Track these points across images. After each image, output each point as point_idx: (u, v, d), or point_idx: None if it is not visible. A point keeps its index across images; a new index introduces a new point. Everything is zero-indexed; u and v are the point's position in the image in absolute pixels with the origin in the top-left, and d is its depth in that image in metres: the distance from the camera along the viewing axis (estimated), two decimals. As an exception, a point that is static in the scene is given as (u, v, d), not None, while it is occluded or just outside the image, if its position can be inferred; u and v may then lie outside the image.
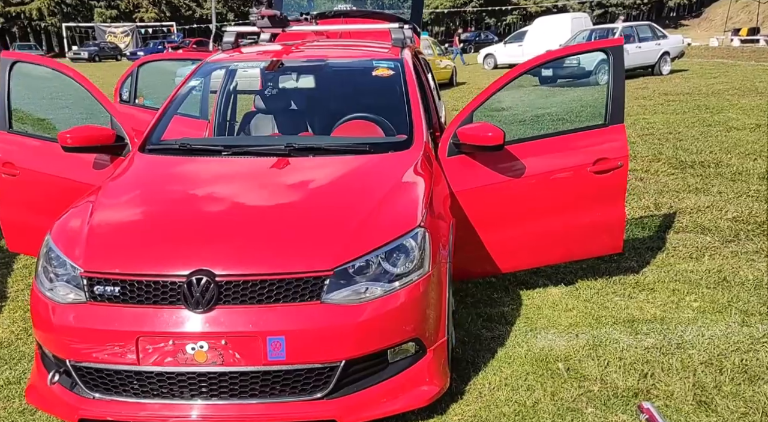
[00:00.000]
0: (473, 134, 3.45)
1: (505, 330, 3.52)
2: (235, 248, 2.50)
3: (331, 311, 2.42)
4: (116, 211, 2.73)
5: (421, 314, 2.64)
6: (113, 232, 2.60)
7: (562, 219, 3.72)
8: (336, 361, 2.44)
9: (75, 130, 3.43)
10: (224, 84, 4.52)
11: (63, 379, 2.51)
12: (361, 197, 2.86)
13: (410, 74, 3.79)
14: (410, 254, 2.65)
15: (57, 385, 2.49)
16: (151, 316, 2.36)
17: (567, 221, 3.73)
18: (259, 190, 2.91)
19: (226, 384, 2.40)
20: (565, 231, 3.75)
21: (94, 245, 2.53)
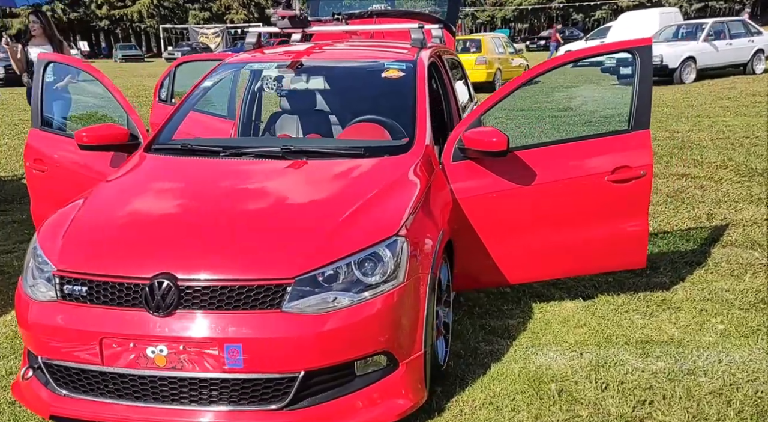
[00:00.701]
0: (477, 139, 3.32)
1: (506, 344, 3.37)
2: (200, 252, 2.51)
3: (291, 320, 2.38)
4: (97, 212, 2.81)
5: (392, 326, 2.56)
6: (88, 233, 2.67)
7: (575, 230, 3.52)
8: (295, 372, 2.40)
9: (91, 129, 3.56)
10: (248, 85, 4.57)
11: (39, 375, 2.60)
12: (340, 202, 2.81)
13: (421, 76, 3.69)
14: (384, 263, 2.57)
15: (34, 380, 2.59)
16: (115, 317, 2.41)
17: (581, 232, 3.52)
18: (240, 193, 2.91)
19: (185, 389, 2.41)
20: (579, 243, 3.55)
21: (69, 244, 2.61)
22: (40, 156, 4.07)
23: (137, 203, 2.90)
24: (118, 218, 2.75)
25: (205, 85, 3.92)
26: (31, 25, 7.05)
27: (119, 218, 2.76)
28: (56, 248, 2.59)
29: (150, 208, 2.84)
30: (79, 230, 2.68)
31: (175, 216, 2.74)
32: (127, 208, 2.84)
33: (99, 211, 2.81)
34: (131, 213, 2.80)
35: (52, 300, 2.50)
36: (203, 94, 3.94)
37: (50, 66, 4.19)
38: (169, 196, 2.94)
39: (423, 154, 3.30)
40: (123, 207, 2.83)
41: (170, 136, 3.54)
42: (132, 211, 2.82)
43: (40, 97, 4.13)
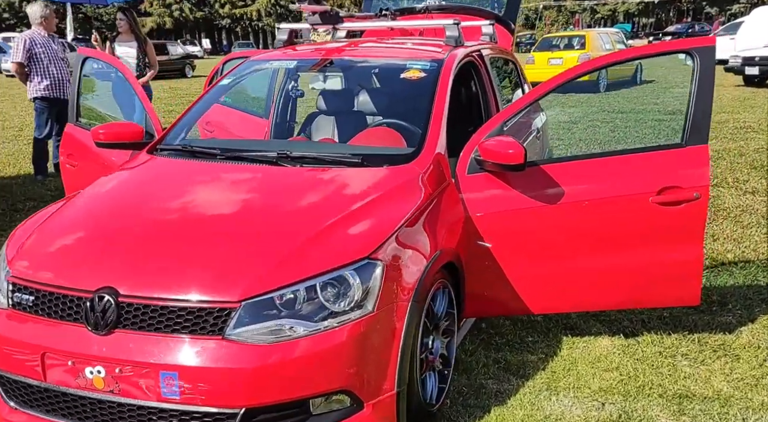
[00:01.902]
0: (493, 150, 2.93)
1: (517, 384, 2.95)
2: (147, 267, 2.32)
3: (233, 349, 2.14)
4: (64, 217, 2.69)
5: (354, 361, 2.26)
6: (47, 239, 2.56)
7: (611, 257, 3.04)
8: (234, 408, 2.16)
9: (108, 126, 3.50)
10: (282, 83, 4.38)
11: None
12: (316, 216, 2.53)
13: (444, 79, 3.33)
14: (349, 289, 2.28)
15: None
16: (56, 332, 2.27)
17: (618, 261, 3.03)
18: (212, 204, 2.70)
19: (124, 416, 2.24)
20: (615, 273, 3.06)
21: (26, 251, 2.51)
22: (72, 151, 4.10)
23: (104, 210, 2.76)
24: (80, 226, 2.63)
25: (223, 83, 3.76)
26: (118, 23, 7.29)
27: (81, 225, 2.63)
28: (14, 255, 2.51)
29: (114, 216, 2.69)
30: (40, 236, 2.58)
31: (136, 227, 2.57)
32: (92, 215, 2.71)
33: (66, 216, 2.70)
34: (93, 221, 2.67)
35: (3, 308, 2.41)
36: (222, 93, 3.79)
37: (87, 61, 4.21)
38: (139, 204, 2.78)
39: (430, 164, 2.95)
40: (89, 214, 2.71)
41: (179, 136, 3.40)
42: (95, 219, 2.69)
43: (77, 92, 4.16)
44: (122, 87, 7.01)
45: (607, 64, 3.16)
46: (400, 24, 4.52)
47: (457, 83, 3.70)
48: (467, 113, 3.63)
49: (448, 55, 3.54)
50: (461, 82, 3.91)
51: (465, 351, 3.23)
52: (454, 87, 3.53)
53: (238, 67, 3.85)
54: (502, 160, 2.89)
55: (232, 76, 3.77)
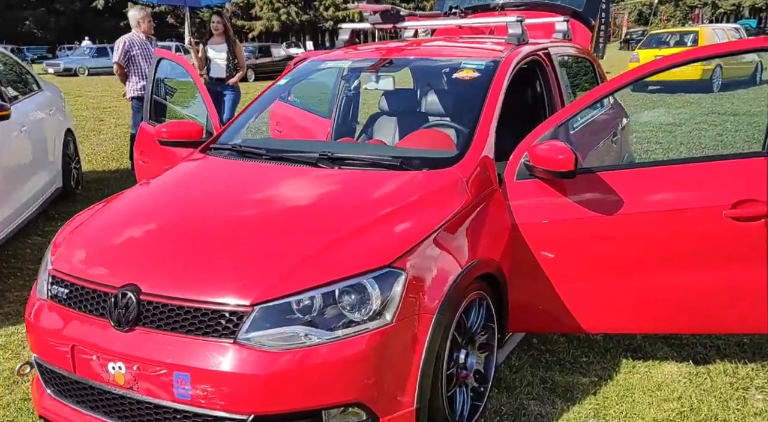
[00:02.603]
0: (543, 155, 2.73)
1: (562, 407, 2.73)
2: (169, 267, 2.33)
3: (243, 353, 2.11)
4: (106, 214, 2.77)
5: (370, 373, 2.16)
6: (86, 235, 2.64)
7: (675, 275, 2.75)
8: (242, 414, 2.12)
9: (170, 124, 3.62)
10: (343, 84, 4.35)
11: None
12: (340, 220, 2.46)
13: (499, 79, 3.15)
14: (367, 298, 2.18)
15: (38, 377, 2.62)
16: (85, 326, 2.33)
17: (683, 279, 2.74)
18: (243, 205, 2.69)
19: (143, 414, 2.26)
20: (680, 293, 2.77)
21: (65, 245, 2.60)
22: (145, 148, 4.27)
23: (142, 208, 2.82)
24: (116, 223, 2.70)
25: (280, 83, 3.77)
26: (214, 25, 7.57)
27: (117, 222, 2.70)
28: (57, 247, 2.62)
29: (149, 215, 2.74)
30: (80, 231, 2.68)
31: (168, 225, 2.60)
32: (130, 213, 2.78)
33: (108, 213, 2.78)
34: (130, 219, 2.73)
35: (44, 299, 2.52)
36: (278, 93, 3.80)
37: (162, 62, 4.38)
38: (175, 203, 2.82)
39: (474, 169, 2.80)
40: (127, 211, 2.78)
41: (233, 136, 3.44)
42: (132, 216, 2.75)
43: (151, 91, 4.34)
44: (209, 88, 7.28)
45: (668, 65, 2.85)
46: (467, 22, 4.36)
47: (519, 84, 3.51)
48: (529, 116, 3.43)
49: (507, 54, 3.36)
50: (524, 82, 3.70)
51: (510, 366, 3.04)
52: (515, 88, 3.35)
53: (298, 67, 3.85)
54: (551, 166, 2.69)
55: (289, 77, 3.77)
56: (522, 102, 3.78)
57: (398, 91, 4.19)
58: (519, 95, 3.76)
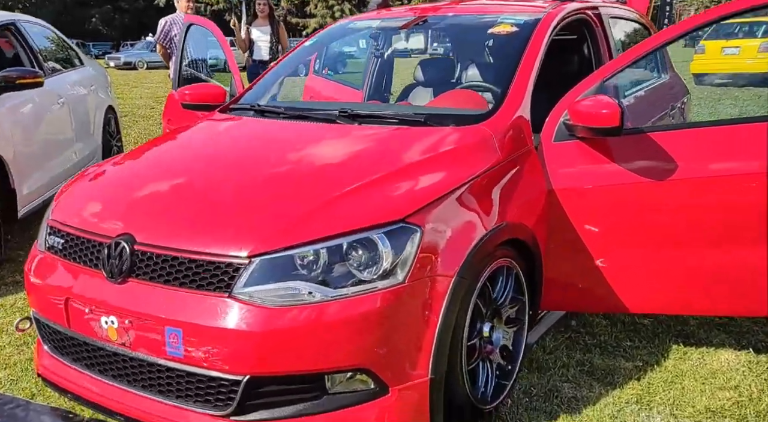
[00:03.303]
0: (585, 111, 2.45)
1: (600, 392, 2.44)
2: (167, 217, 2.16)
3: (239, 309, 1.91)
4: (111, 169, 2.64)
5: (377, 337, 1.94)
6: (88, 188, 2.51)
7: (737, 251, 2.43)
8: (237, 375, 1.93)
9: (193, 87, 3.48)
10: (377, 49, 4.11)
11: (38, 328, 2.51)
12: (354, 174, 2.24)
13: (539, 35, 2.86)
14: (377, 255, 1.96)
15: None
16: (78, 278, 2.19)
17: (748, 257, 2.42)
18: (251, 158, 2.50)
19: (136, 373, 2.10)
20: (744, 272, 2.44)
21: (67, 196, 2.48)
22: (172, 116, 4.16)
23: (146, 163, 2.67)
24: (118, 177, 2.57)
25: (306, 45, 3.58)
26: (260, 7, 7.49)
27: (119, 176, 2.57)
28: (59, 198, 2.50)
29: (152, 169, 2.58)
30: (85, 183, 2.55)
31: (170, 178, 2.43)
32: (133, 167, 2.64)
33: (112, 168, 2.65)
34: (132, 173, 2.59)
35: (42, 251, 2.40)
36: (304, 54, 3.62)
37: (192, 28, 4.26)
38: (180, 157, 2.67)
39: (507, 128, 2.54)
40: (131, 166, 2.64)
41: (255, 98, 3.27)
42: (135, 171, 2.61)
43: (180, 59, 4.23)
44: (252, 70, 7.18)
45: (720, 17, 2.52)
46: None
47: (563, 47, 3.23)
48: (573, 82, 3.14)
49: (549, 10, 3.07)
50: (569, 45, 3.41)
51: (544, 347, 2.77)
52: (559, 51, 3.07)
53: (326, 29, 3.65)
54: (594, 122, 2.41)
55: (316, 39, 3.58)
56: (566, 66, 3.49)
57: (434, 60, 3.96)
58: (563, 59, 3.47)
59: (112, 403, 2.14)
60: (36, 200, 4.43)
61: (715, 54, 13.43)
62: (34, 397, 2.47)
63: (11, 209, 4.13)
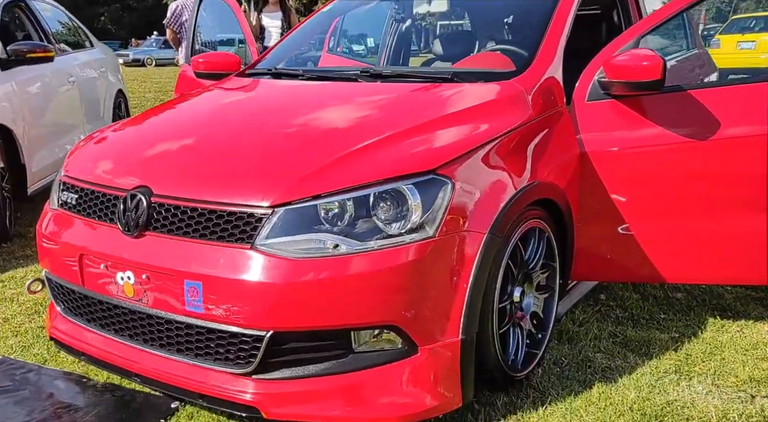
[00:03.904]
0: (623, 65, 2.34)
1: (635, 362, 2.33)
2: (185, 168, 2.07)
3: (261, 260, 1.81)
4: (127, 126, 2.55)
5: (406, 293, 1.83)
6: (102, 144, 2.41)
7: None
8: (260, 330, 1.83)
9: (206, 55, 3.39)
10: (391, 18, 3.98)
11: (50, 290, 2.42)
12: (378, 126, 2.14)
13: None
14: (406, 207, 1.86)
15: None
16: (93, 233, 2.10)
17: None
18: (270, 114, 2.41)
19: (154, 331, 2.00)
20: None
21: (80, 152, 2.38)
22: (185, 89, 4.06)
23: (162, 120, 2.58)
24: (133, 133, 2.47)
25: (324, 11, 3.48)
26: None
27: (135, 133, 2.47)
28: (71, 155, 2.41)
29: (169, 125, 2.50)
30: (98, 140, 2.45)
31: (188, 133, 2.34)
32: (149, 124, 2.54)
33: (128, 125, 2.56)
34: (148, 129, 2.49)
35: (54, 209, 2.31)
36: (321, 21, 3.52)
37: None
38: (198, 113, 2.58)
39: (538, 85, 2.43)
40: (147, 124, 2.54)
41: (272, 63, 3.17)
42: (150, 127, 2.51)
43: (193, 32, 4.15)
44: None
45: None
46: None
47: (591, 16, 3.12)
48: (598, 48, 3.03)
49: None
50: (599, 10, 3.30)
51: (573, 319, 2.65)
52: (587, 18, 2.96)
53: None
54: (634, 76, 2.30)
55: (334, 5, 3.48)
56: (594, 36, 3.38)
57: (454, 33, 3.85)
58: (591, 28, 3.36)
59: (128, 363, 2.04)
60: (45, 178, 4.35)
61: (730, 49, 13.26)
62: (46, 362, 2.38)
63: (21, 186, 4.06)
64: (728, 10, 44.34)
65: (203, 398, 1.94)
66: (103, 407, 2.09)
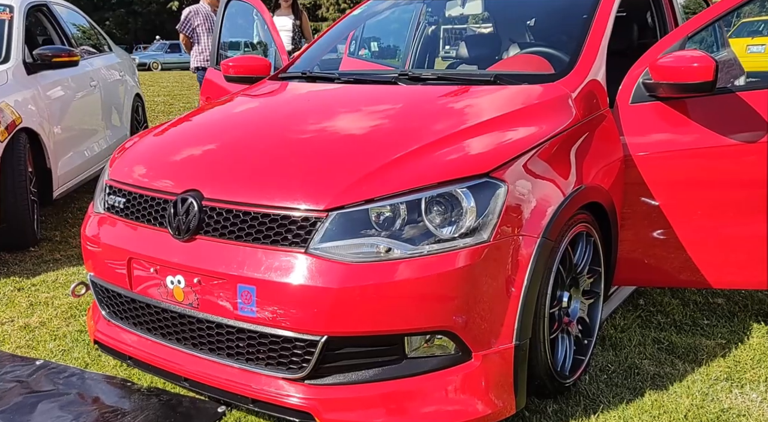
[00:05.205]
0: (671, 66, 2.31)
1: (684, 369, 2.30)
2: (236, 173, 2.04)
3: (317, 265, 1.79)
4: (171, 129, 2.52)
5: (461, 298, 1.81)
6: (148, 147, 2.39)
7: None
8: (315, 334, 1.81)
9: (237, 59, 3.37)
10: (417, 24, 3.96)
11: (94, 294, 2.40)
12: (426, 129, 2.12)
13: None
14: (460, 211, 1.84)
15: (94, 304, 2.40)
16: (142, 237, 2.08)
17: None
18: (315, 118, 2.38)
19: (204, 336, 1.98)
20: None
21: (125, 156, 2.36)
22: (211, 94, 4.06)
23: (207, 123, 2.56)
24: (180, 136, 2.45)
25: (355, 13, 3.47)
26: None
27: (181, 135, 2.45)
28: (116, 159, 2.39)
29: (214, 128, 2.47)
30: (143, 143, 2.43)
31: (234, 137, 2.31)
32: (194, 127, 2.52)
33: (172, 128, 2.53)
34: (194, 132, 2.48)
35: (100, 213, 2.29)
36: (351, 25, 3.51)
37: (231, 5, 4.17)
38: (242, 117, 2.56)
39: (582, 88, 2.41)
40: (192, 126, 2.53)
41: (305, 66, 3.15)
42: (196, 130, 2.50)
43: (219, 35, 4.14)
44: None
45: None
46: None
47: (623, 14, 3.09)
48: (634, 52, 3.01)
49: None
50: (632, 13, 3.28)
51: (615, 325, 2.63)
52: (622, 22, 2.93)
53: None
54: (684, 78, 2.27)
55: (364, 8, 3.46)
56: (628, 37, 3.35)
57: (482, 35, 3.82)
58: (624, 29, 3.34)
59: (176, 367, 2.02)
60: (69, 181, 4.34)
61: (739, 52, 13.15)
62: (88, 367, 2.36)
63: (47, 190, 4.05)
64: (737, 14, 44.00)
65: (255, 403, 1.92)
66: (150, 411, 2.06)
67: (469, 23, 3.97)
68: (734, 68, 3.91)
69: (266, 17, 3.78)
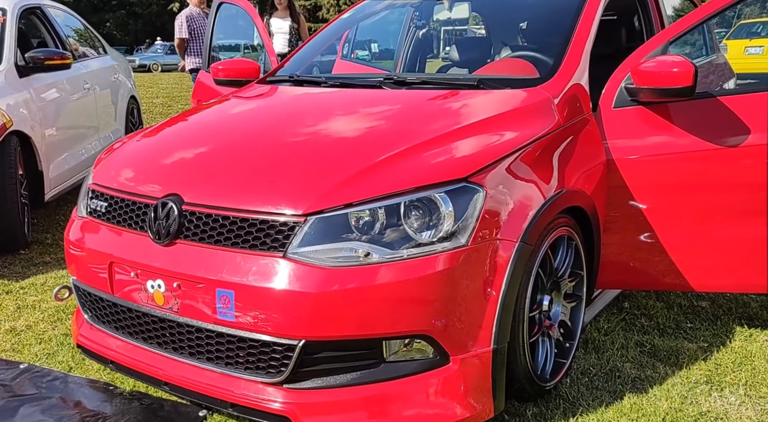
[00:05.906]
0: (652, 71, 2.33)
1: (666, 372, 2.31)
2: (215, 176, 2.06)
3: (294, 269, 1.80)
4: (153, 134, 2.54)
5: (438, 302, 1.82)
6: (130, 151, 2.41)
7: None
8: (292, 338, 1.82)
9: (226, 63, 3.39)
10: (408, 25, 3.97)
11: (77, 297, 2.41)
12: (407, 134, 2.13)
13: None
14: (438, 216, 1.85)
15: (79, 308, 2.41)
16: (123, 241, 2.09)
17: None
18: (297, 122, 2.39)
19: (184, 339, 1.99)
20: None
21: (108, 160, 2.38)
22: (202, 96, 4.07)
23: (188, 128, 2.58)
24: (161, 140, 2.46)
25: (343, 17, 3.48)
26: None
27: (162, 140, 2.47)
28: (99, 163, 2.41)
29: (196, 132, 2.50)
30: (126, 148, 2.45)
31: (214, 141, 2.33)
32: (175, 132, 2.54)
33: (154, 133, 2.55)
34: (176, 136, 2.49)
35: (82, 217, 2.30)
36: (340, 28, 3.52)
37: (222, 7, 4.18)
38: (223, 122, 2.58)
39: (564, 92, 2.42)
40: (173, 131, 2.54)
41: (292, 70, 3.16)
42: (178, 134, 2.51)
43: (210, 38, 4.15)
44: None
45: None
46: None
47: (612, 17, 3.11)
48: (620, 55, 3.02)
49: None
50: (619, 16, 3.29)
51: (598, 329, 2.64)
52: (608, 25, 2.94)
53: (362, 2, 3.54)
54: (664, 83, 2.28)
55: (353, 11, 3.48)
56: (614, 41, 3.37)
57: (472, 38, 3.84)
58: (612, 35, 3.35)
59: (157, 371, 2.03)
60: (61, 184, 4.36)
61: (737, 54, 13.21)
62: (72, 370, 2.37)
63: (38, 193, 4.07)
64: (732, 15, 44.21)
65: (233, 407, 1.93)
66: (131, 415, 2.07)
67: (470, 25, 3.98)
68: (724, 71, 3.93)
69: (255, 20, 3.79)
